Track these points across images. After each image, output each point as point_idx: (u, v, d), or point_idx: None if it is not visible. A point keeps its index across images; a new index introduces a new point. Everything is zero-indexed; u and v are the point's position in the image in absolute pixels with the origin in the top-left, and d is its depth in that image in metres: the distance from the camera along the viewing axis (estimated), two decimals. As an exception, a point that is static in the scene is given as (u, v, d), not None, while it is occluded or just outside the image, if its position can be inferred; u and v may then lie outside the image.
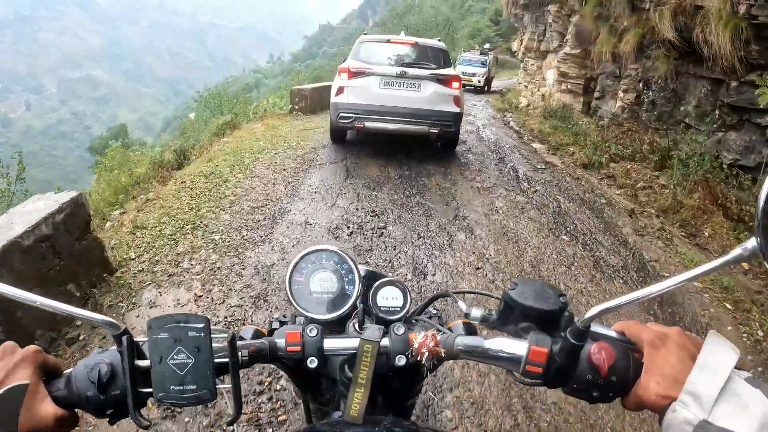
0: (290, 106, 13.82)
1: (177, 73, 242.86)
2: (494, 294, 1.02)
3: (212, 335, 0.78)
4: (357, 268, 1.02)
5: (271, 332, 0.99)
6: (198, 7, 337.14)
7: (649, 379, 0.71)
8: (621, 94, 10.73)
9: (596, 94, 11.99)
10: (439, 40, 9.65)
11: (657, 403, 0.69)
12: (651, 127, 9.68)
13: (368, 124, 8.22)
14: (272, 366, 2.47)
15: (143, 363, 0.76)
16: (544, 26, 16.90)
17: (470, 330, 0.97)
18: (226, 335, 0.80)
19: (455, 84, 8.41)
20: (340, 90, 8.31)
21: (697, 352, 0.69)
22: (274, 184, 7.16)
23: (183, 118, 22.81)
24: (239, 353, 0.82)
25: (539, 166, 9.08)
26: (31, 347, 0.75)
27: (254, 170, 7.79)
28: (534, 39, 17.78)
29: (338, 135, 9.44)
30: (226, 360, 0.79)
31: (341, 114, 8.29)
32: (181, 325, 0.76)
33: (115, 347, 0.78)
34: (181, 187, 6.99)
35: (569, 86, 14.20)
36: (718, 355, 0.67)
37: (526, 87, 19.91)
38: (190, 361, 0.76)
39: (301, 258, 1.03)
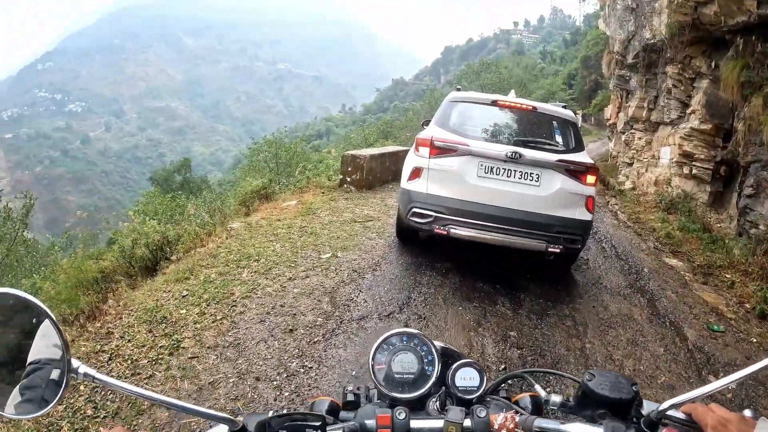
0: (340, 177, 10.82)
1: (252, 115, 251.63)
2: (566, 374, 1.18)
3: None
4: (436, 349, 1.06)
5: (345, 404, 1.05)
6: (277, 55, 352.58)
7: None
8: (789, 196, 7.69)
9: (747, 190, 8.86)
10: (565, 107, 6.58)
11: None
12: None
13: (455, 230, 5.44)
14: None
15: None
16: (656, 92, 14.05)
17: (536, 403, 1.06)
18: (341, 431, 0.90)
19: (590, 178, 5.60)
20: (416, 172, 5.66)
21: None
22: (258, 379, 3.81)
23: (252, 158, 22.05)
24: None
25: (713, 327, 5.79)
26: None
27: (238, 321, 4.58)
28: (643, 106, 14.82)
29: (406, 235, 6.75)
30: None
31: (415, 210, 5.59)
32: (300, 423, 0.84)
33: None
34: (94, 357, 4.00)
35: (693, 170, 11.29)
36: None
37: (629, 164, 16.84)
38: None
39: (383, 340, 1.07)
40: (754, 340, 5.65)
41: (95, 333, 4.32)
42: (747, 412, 0.83)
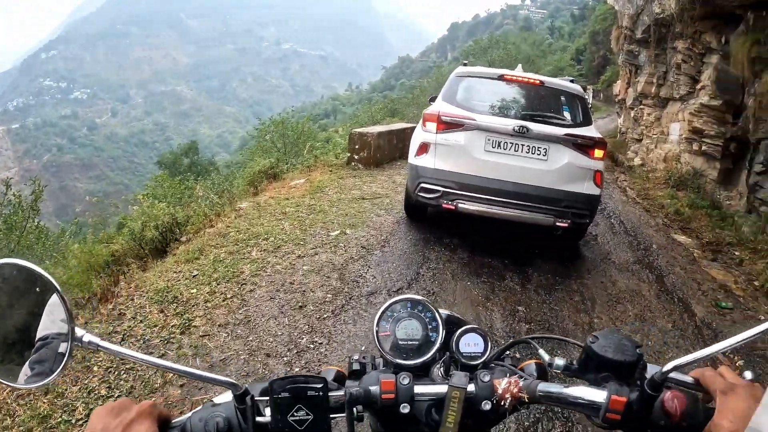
0: (348, 155, 10.81)
1: (259, 96, 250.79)
2: (571, 339, 1.13)
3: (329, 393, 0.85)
4: (440, 316, 1.05)
5: (351, 373, 1.04)
6: (283, 35, 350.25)
7: (722, 419, 0.75)
8: (799, 173, 7.61)
9: (757, 167, 8.78)
10: (572, 81, 6.67)
11: None
12: None
13: (463, 205, 5.55)
14: None
15: (263, 419, 0.84)
16: (665, 67, 13.85)
17: (541, 370, 1.03)
18: (342, 394, 0.88)
19: (598, 152, 5.67)
20: (424, 147, 5.76)
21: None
22: (268, 356, 3.81)
23: (260, 139, 22.30)
24: (355, 409, 0.89)
25: (722, 304, 5.72)
26: (146, 402, 0.81)
27: (248, 299, 4.61)
28: (653, 82, 14.62)
29: (414, 212, 6.78)
30: (341, 415, 0.88)
31: (423, 185, 5.70)
32: (301, 385, 0.83)
33: (225, 401, 0.87)
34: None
35: (703, 147, 11.09)
36: None
37: (638, 140, 16.72)
38: (309, 417, 0.83)
39: (387, 307, 1.05)
40: (762, 318, 5.56)
41: (108, 315, 4.35)
42: (747, 375, 0.83)
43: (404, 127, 12.65)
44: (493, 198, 5.50)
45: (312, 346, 3.91)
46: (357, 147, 10.50)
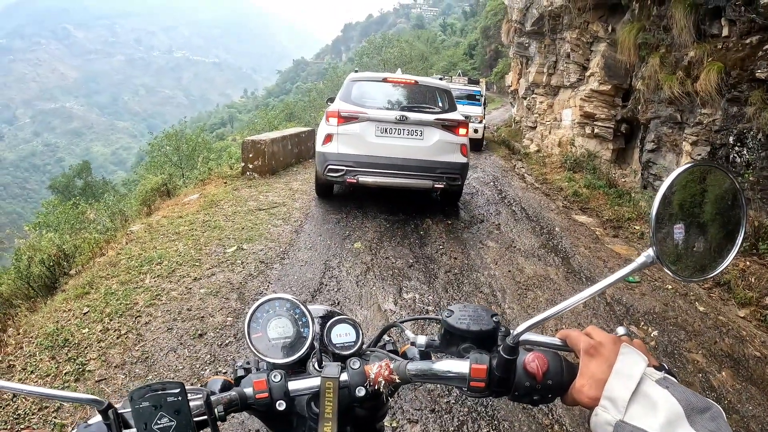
0: (242, 164, 10.42)
1: (152, 109, 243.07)
2: (429, 316, 1.56)
3: (188, 396, 0.83)
4: (308, 311, 1.05)
5: (237, 380, 1.04)
6: (174, 43, 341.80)
7: (583, 383, 0.79)
8: (687, 147, 8.00)
9: (649, 145, 9.11)
10: (441, 78, 8.94)
11: (589, 404, 0.77)
12: (740, 197, 6.94)
13: (362, 178, 7.25)
14: None
15: None
16: (555, 57, 14.27)
17: (424, 353, 1.05)
18: (201, 395, 0.86)
19: (462, 131, 7.55)
20: (329, 138, 7.30)
21: None
22: None
23: (153, 154, 21.30)
24: (215, 409, 0.87)
25: (629, 279, 5.76)
26: None
27: (144, 333, 4.26)
28: (543, 72, 15.11)
29: (324, 190, 8.37)
30: (205, 417, 0.85)
31: (330, 166, 7.27)
32: (160, 392, 0.81)
33: (96, 421, 0.84)
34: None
35: (595, 130, 11.55)
36: (630, 363, 0.76)
37: (533, 128, 17.10)
38: (173, 423, 0.81)
39: (256, 308, 1.05)
40: (670, 287, 5.77)
41: (-4, 369, 3.89)
42: (620, 330, 0.86)
43: (299, 131, 12.67)
44: (385, 171, 7.16)
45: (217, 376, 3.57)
46: (251, 156, 10.23)
